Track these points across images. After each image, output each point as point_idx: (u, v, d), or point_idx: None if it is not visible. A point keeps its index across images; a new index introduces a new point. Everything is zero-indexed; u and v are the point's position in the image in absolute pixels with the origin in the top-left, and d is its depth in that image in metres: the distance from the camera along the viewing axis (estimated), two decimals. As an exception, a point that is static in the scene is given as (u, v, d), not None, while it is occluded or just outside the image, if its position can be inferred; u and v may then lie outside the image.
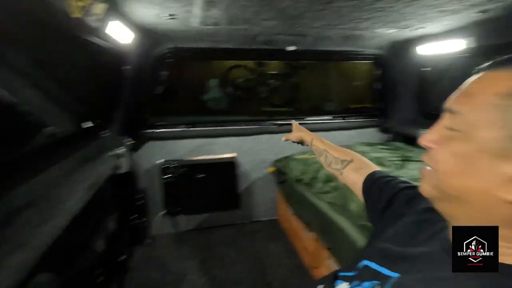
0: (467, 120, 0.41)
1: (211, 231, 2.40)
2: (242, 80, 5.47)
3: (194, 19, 1.49)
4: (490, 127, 0.38)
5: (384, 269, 0.55)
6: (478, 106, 0.40)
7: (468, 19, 1.51)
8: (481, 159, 0.39)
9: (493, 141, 0.38)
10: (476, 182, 0.40)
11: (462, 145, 0.41)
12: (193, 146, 2.35)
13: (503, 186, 0.37)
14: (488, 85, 0.40)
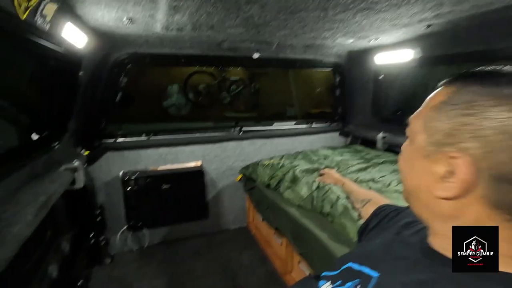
0: (411, 129, 0.49)
1: (178, 244, 2.30)
2: (204, 86, 5.40)
3: (156, 24, 1.43)
4: (420, 133, 0.47)
5: (365, 267, 0.56)
6: (418, 117, 0.48)
7: (416, 32, 1.66)
8: (417, 160, 0.47)
9: (421, 144, 0.46)
10: (417, 181, 0.48)
11: (408, 149, 0.51)
12: (156, 156, 2.23)
13: (435, 183, 0.44)
14: (429, 99, 0.47)
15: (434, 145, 0.44)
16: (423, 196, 0.47)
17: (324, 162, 2.14)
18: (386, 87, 2.52)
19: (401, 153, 0.54)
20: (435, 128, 0.44)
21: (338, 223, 1.34)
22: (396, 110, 2.53)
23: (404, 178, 0.52)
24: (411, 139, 0.50)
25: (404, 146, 0.53)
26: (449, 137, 0.42)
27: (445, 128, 0.43)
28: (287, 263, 1.81)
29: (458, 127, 0.41)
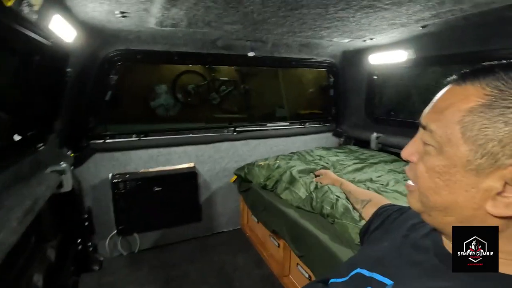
0: (437, 136, 0.42)
1: (171, 248, 2.22)
2: (193, 86, 5.31)
3: (150, 18, 1.37)
4: (457, 142, 0.40)
5: (377, 275, 0.54)
6: (445, 122, 0.41)
7: (412, 33, 1.67)
8: (456, 175, 0.40)
9: (464, 156, 0.39)
10: (458, 197, 0.41)
11: (436, 161, 0.42)
12: (147, 157, 2.15)
13: (487, 200, 0.38)
14: (453, 101, 0.41)
15: (486, 158, 0.38)
16: (465, 213, 0.41)
17: (320, 163, 2.13)
18: (380, 87, 2.54)
19: (419, 164, 0.46)
20: (485, 137, 0.37)
21: (339, 224, 1.31)
22: (390, 110, 2.55)
23: (431, 193, 0.44)
24: (438, 148, 0.42)
25: (424, 156, 0.45)
26: (506, 147, 0.36)
27: (500, 136, 0.36)
28: (284, 266, 1.77)
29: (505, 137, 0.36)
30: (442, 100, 0.43)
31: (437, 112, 0.43)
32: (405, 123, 2.25)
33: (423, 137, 0.45)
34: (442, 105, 0.43)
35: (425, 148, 0.45)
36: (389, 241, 0.64)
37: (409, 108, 2.56)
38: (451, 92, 0.43)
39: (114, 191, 1.98)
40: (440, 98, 0.44)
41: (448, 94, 0.43)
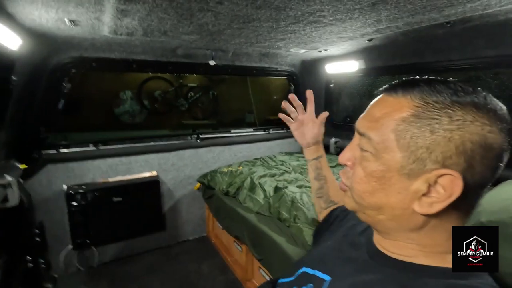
0: (375, 143, 0.45)
1: (133, 260, 2.15)
2: (160, 92, 5.21)
3: (103, 27, 1.35)
4: (392, 149, 0.43)
5: (318, 272, 0.58)
6: (381, 130, 0.44)
7: (360, 45, 1.80)
8: (391, 179, 0.44)
9: (397, 162, 0.42)
10: (391, 198, 0.44)
11: (374, 166, 0.45)
12: (106, 167, 2.08)
13: (414, 200, 0.43)
14: (388, 111, 0.44)
15: (415, 163, 0.41)
16: (395, 212, 0.45)
17: (282, 167, 2.20)
18: (337, 95, 2.69)
19: (357, 169, 0.48)
20: (416, 144, 0.41)
21: (294, 227, 1.37)
22: (346, 116, 2.70)
23: (367, 195, 0.47)
24: (375, 154, 0.45)
25: (362, 162, 0.47)
26: (432, 153, 0.40)
27: (427, 144, 0.40)
28: (247, 270, 1.80)
29: (441, 141, 0.39)
30: (378, 109, 0.46)
31: (373, 121, 0.45)
32: (360, 128, 2.41)
33: (361, 144, 0.47)
34: (378, 114, 0.45)
35: (362, 153, 0.47)
36: (331, 241, 0.69)
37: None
38: (385, 102, 0.45)
39: (69, 203, 1.89)
40: (375, 107, 0.47)
41: (383, 104, 0.45)
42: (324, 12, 1.15)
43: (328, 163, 0.95)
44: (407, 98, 0.43)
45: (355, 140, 0.51)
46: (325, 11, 1.13)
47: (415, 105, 0.41)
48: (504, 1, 1.01)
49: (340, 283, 0.52)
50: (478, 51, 1.46)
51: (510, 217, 0.83)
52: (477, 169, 0.40)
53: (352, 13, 1.15)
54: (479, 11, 1.11)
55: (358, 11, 1.13)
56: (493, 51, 1.41)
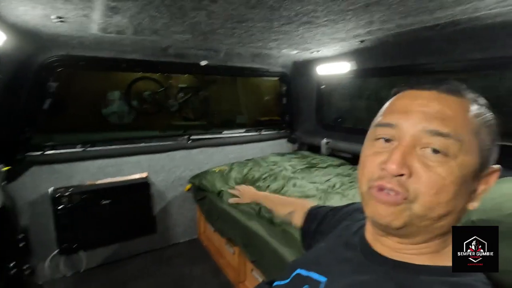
0: (463, 145, 0.42)
1: (123, 264, 2.10)
2: (149, 93, 5.13)
3: (91, 25, 1.31)
4: (474, 152, 0.42)
5: (312, 273, 0.57)
6: (465, 130, 0.42)
7: (352, 46, 1.82)
8: (466, 183, 0.42)
9: (474, 165, 0.43)
10: (460, 203, 0.43)
11: (456, 171, 0.41)
12: (95, 169, 2.03)
13: (470, 200, 0.44)
14: (461, 110, 0.43)
15: (483, 165, 0.44)
16: (458, 215, 0.44)
17: (274, 168, 2.19)
18: (328, 96, 2.71)
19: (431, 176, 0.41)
20: (484, 147, 0.44)
21: (286, 231, 1.36)
22: (337, 117, 2.72)
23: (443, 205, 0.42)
24: (457, 156, 0.41)
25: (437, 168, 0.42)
26: (491, 156, 0.45)
27: (489, 147, 0.44)
28: (240, 273, 1.79)
29: (491, 146, 0.45)
30: (447, 108, 0.43)
31: (451, 120, 0.42)
32: (351, 130, 2.44)
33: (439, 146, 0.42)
34: (450, 113, 0.43)
35: (438, 158, 0.42)
36: (325, 242, 0.69)
37: (354, 115, 2.76)
38: (448, 100, 0.44)
39: (55, 206, 1.82)
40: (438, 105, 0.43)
41: (447, 102, 0.44)
42: (318, 13, 1.15)
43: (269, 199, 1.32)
44: (469, 101, 0.45)
45: (406, 142, 0.44)
46: (319, 11, 1.13)
47: (477, 109, 0.45)
48: (492, 5, 1.04)
49: (336, 283, 0.51)
50: (466, 54, 1.50)
51: (501, 215, 0.85)
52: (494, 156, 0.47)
53: (345, 14, 1.16)
54: (468, 14, 1.13)
55: (352, 12, 1.14)
56: (480, 53, 1.45)
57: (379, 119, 0.50)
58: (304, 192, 1.74)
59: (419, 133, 0.43)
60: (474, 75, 1.76)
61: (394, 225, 0.44)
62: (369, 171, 0.47)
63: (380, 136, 0.48)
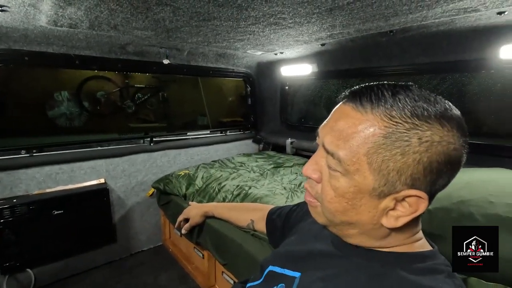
0: (346, 165, 0.43)
1: (79, 279, 1.92)
2: (103, 93, 4.78)
3: (39, 16, 1.19)
4: (364, 172, 0.42)
5: (286, 270, 0.58)
6: (352, 152, 0.42)
7: (314, 49, 1.90)
8: (362, 199, 0.44)
9: (368, 185, 0.43)
10: (362, 216, 0.46)
11: (345, 187, 0.44)
12: (43, 176, 1.82)
13: (382, 216, 0.45)
14: (357, 130, 0.42)
15: (386, 186, 0.42)
16: (366, 227, 0.47)
17: (241, 169, 2.19)
18: (292, 97, 2.79)
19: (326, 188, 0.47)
20: (387, 168, 0.41)
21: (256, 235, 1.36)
22: (301, 118, 2.81)
23: (339, 214, 0.47)
24: (345, 175, 0.44)
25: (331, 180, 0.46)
26: (402, 176, 0.41)
27: (397, 167, 0.41)
28: (210, 277, 1.74)
29: (411, 164, 0.40)
30: (346, 125, 0.43)
31: (341, 138, 0.43)
32: (314, 129, 2.53)
33: (329, 162, 0.46)
34: (347, 131, 0.43)
35: (331, 172, 0.46)
36: (294, 236, 0.70)
37: (316, 115, 2.87)
38: (352, 118, 0.43)
39: (-5, 221, 1.61)
40: (341, 121, 0.44)
41: (350, 120, 0.43)
42: (285, 15, 1.18)
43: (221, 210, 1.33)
44: (376, 116, 0.41)
45: (320, 152, 0.49)
46: (286, 13, 1.16)
47: (385, 125, 0.40)
48: (437, 15, 1.16)
49: (310, 277, 0.53)
50: (415, 58, 1.65)
51: (452, 203, 0.95)
52: (440, 182, 0.42)
53: (310, 17, 1.20)
54: (418, 22, 1.25)
55: (316, 16, 1.18)
56: (427, 58, 1.60)
57: None
58: (272, 191, 1.76)
59: (323, 146, 0.48)
60: (420, 78, 1.94)
61: (320, 221, 0.52)
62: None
63: (316, 142, 0.52)
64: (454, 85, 1.86)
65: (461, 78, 1.84)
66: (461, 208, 0.91)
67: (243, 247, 1.35)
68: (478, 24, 1.26)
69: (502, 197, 0.89)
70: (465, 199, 0.93)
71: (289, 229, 0.80)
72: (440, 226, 0.92)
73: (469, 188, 0.97)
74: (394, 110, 0.40)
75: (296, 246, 0.64)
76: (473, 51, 1.42)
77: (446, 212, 0.94)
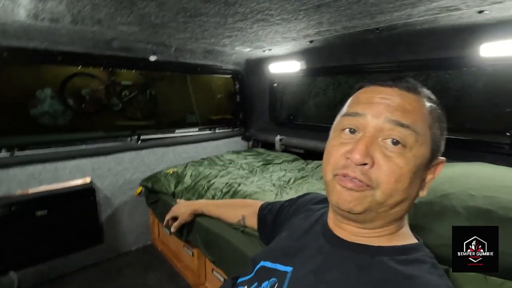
0: (419, 136, 0.46)
1: (64, 281, 1.87)
2: (88, 91, 4.66)
3: (18, 10, 1.14)
4: (427, 144, 0.47)
5: (278, 265, 0.58)
6: (422, 124, 0.47)
7: (302, 46, 1.90)
8: (419, 171, 0.47)
9: (426, 156, 0.47)
10: (414, 190, 0.48)
11: (412, 161, 0.45)
12: (25, 176, 1.76)
13: (420, 188, 0.50)
14: (417, 106, 0.48)
15: (433, 156, 0.49)
16: (411, 202, 0.49)
17: (230, 166, 2.18)
18: (280, 94, 2.79)
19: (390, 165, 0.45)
20: (434, 140, 0.48)
21: (246, 231, 1.36)
22: (290, 115, 2.83)
23: (401, 192, 0.46)
24: (413, 147, 0.45)
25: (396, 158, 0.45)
26: (440, 148, 0.50)
27: (438, 140, 0.49)
28: (200, 274, 1.74)
29: (440, 136, 0.50)
30: (407, 103, 0.47)
31: (409, 113, 0.46)
32: (303, 126, 2.56)
33: (399, 136, 0.45)
34: (410, 107, 0.47)
35: (396, 149, 0.45)
36: (285, 232, 0.70)
37: (304, 112, 2.90)
38: (407, 97, 0.48)
39: (-26, 223, 1.55)
40: (399, 100, 0.47)
41: (407, 99, 0.48)
42: (272, 11, 1.18)
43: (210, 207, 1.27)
44: (422, 95, 0.50)
45: (371, 133, 0.47)
46: (273, 9, 1.16)
47: (430, 104, 0.49)
48: (422, 13, 1.18)
49: (302, 271, 0.53)
50: (400, 56, 1.68)
51: (436, 196, 0.98)
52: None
53: (298, 13, 1.21)
54: (403, 19, 1.27)
55: (304, 12, 1.19)
56: (412, 56, 1.64)
57: (345, 110, 0.53)
58: (261, 188, 1.76)
59: (382, 123, 0.47)
60: (406, 75, 1.98)
61: (356, 210, 0.47)
62: (335, 160, 0.49)
63: (346, 126, 0.50)
64: (438, 82, 1.91)
65: (444, 75, 1.89)
66: (443, 201, 0.94)
67: (233, 244, 1.35)
68: (460, 23, 1.29)
69: (481, 190, 0.92)
70: (447, 193, 0.96)
71: (279, 225, 0.80)
72: (424, 218, 0.94)
73: (452, 182, 1.00)
74: (427, 95, 0.51)
75: (287, 242, 0.64)
76: (455, 49, 1.46)
77: (429, 205, 0.97)
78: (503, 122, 1.58)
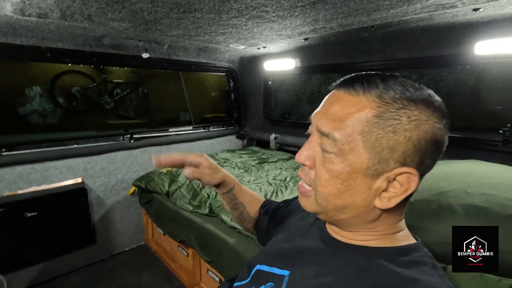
0: (341, 145, 0.44)
1: (56, 283, 1.84)
2: (78, 89, 4.57)
3: (4, 4, 1.10)
4: (358, 150, 0.43)
5: (275, 269, 0.57)
6: (347, 131, 0.43)
7: (297, 44, 1.89)
8: (356, 179, 0.44)
9: (363, 163, 0.43)
10: (356, 198, 0.46)
11: (339, 167, 0.45)
12: (13, 177, 1.72)
13: (375, 197, 0.45)
14: (351, 111, 0.44)
15: (380, 164, 0.43)
16: (359, 210, 0.47)
17: (225, 165, 2.16)
18: (275, 92, 2.78)
19: (321, 171, 0.47)
20: (380, 146, 0.42)
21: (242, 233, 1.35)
22: (284, 113, 2.81)
23: (333, 197, 0.47)
24: (340, 155, 0.44)
25: (325, 164, 0.46)
26: (395, 153, 0.42)
27: (390, 144, 0.42)
28: (195, 275, 1.72)
29: (402, 141, 0.42)
30: (339, 108, 0.45)
31: (337, 120, 0.44)
32: (298, 124, 2.55)
33: (323, 144, 0.46)
34: (340, 113, 0.44)
35: (325, 155, 0.46)
36: (281, 234, 0.69)
37: (299, 110, 2.89)
38: (345, 100, 0.45)
39: (-39, 225, 1.50)
40: (335, 105, 0.46)
41: (344, 102, 0.45)
42: (268, 8, 1.16)
43: (241, 187, 0.86)
44: (368, 98, 0.43)
45: (313, 138, 0.49)
46: (269, 6, 1.14)
47: (377, 105, 0.42)
48: (417, 10, 1.18)
49: (299, 275, 0.52)
50: (395, 53, 1.68)
51: (432, 194, 0.98)
52: (426, 162, 0.44)
53: (293, 10, 1.19)
54: (398, 17, 1.26)
55: (300, 9, 1.17)
56: (407, 53, 1.64)
57: None
58: (258, 186, 1.75)
59: (315, 131, 0.49)
60: (400, 72, 1.99)
61: (310, 210, 0.52)
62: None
63: (307, 132, 0.53)
64: (432, 79, 1.92)
65: (439, 73, 1.90)
66: (440, 199, 0.94)
67: (228, 243, 1.34)
68: (455, 21, 1.29)
69: (478, 188, 0.93)
70: (444, 191, 0.96)
71: (275, 226, 0.79)
72: (420, 217, 0.94)
73: (448, 180, 1.00)
74: (385, 93, 0.43)
75: (283, 244, 0.63)
76: (450, 46, 1.47)
77: (426, 203, 0.97)
78: (496, 119, 1.59)
